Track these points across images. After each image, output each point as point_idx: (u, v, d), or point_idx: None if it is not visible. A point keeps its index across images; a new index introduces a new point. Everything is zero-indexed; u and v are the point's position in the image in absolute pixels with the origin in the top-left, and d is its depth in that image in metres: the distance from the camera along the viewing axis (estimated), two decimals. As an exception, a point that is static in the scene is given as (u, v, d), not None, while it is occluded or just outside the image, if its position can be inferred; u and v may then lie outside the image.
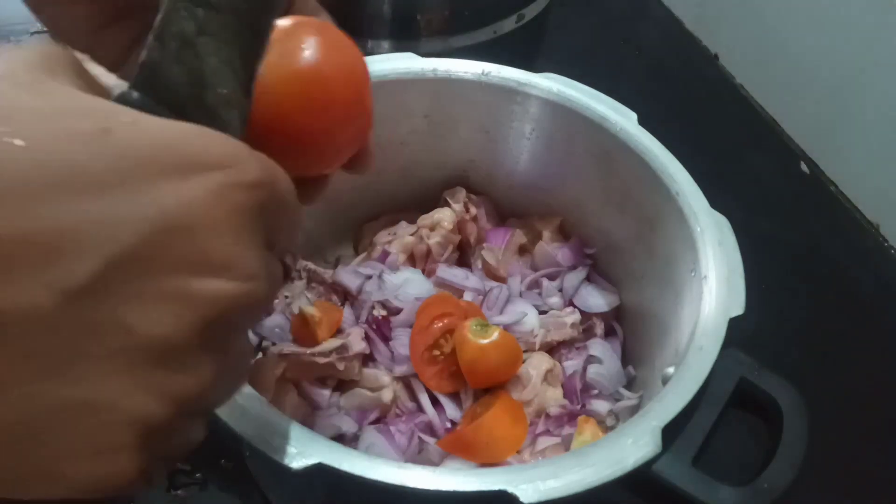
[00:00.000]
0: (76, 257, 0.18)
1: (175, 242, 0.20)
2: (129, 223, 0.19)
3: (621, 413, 0.50)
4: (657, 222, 0.50)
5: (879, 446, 0.56)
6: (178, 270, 0.20)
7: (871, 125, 0.70)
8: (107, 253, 0.18)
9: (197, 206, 0.20)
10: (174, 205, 0.20)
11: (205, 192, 0.20)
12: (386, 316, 0.52)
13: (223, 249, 0.21)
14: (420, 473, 0.33)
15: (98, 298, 0.19)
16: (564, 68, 0.55)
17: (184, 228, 0.20)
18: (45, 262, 0.18)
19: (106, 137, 0.19)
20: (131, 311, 0.19)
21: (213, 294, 0.21)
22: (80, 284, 0.18)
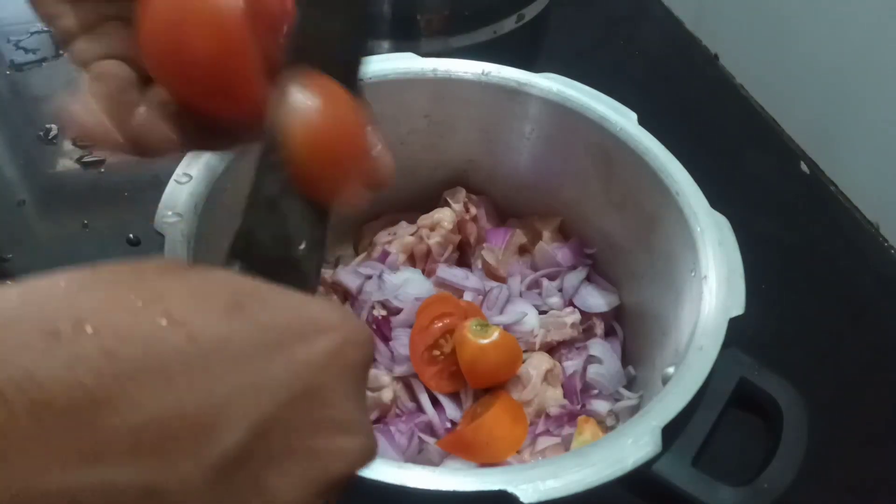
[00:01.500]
0: (226, 429, 0.19)
1: (308, 404, 0.21)
2: (269, 391, 0.20)
3: (621, 413, 0.50)
4: (657, 222, 0.49)
5: (879, 446, 0.56)
6: (310, 432, 0.21)
7: (871, 125, 0.70)
8: (251, 423, 0.19)
9: (322, 367, 0.22)
10: (304, 368, 0.21)
11: (328, 352, 0.22)
12: (386, 316, 0.52)
13: (345, 407, 0.22)
14: (420, 473, 0.33)
15: (242, 467, 0.19)
16: (564, 68, 0.55)
17: (315, 390, 0.21)
18: (198, 438, 0.18)
19: (241, 311, 0.21)
20: (270, 476, 0.20)
21: (341, 453, 0.22)
22: (228, 457, 0.19)
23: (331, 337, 0.22)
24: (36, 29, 0.81)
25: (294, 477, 0.21)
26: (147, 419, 0.18)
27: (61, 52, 0.79)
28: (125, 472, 0.17)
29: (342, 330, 0.23)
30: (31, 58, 0.79)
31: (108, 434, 0.17)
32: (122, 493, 0.17)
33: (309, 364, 0.21)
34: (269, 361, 0.20)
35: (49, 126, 0.71)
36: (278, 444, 0.20)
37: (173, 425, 0.18)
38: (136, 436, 0.18)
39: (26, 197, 0.66)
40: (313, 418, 0.21)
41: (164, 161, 0.33)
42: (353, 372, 0.23)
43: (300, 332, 0.22)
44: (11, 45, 0.79)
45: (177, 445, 0.18)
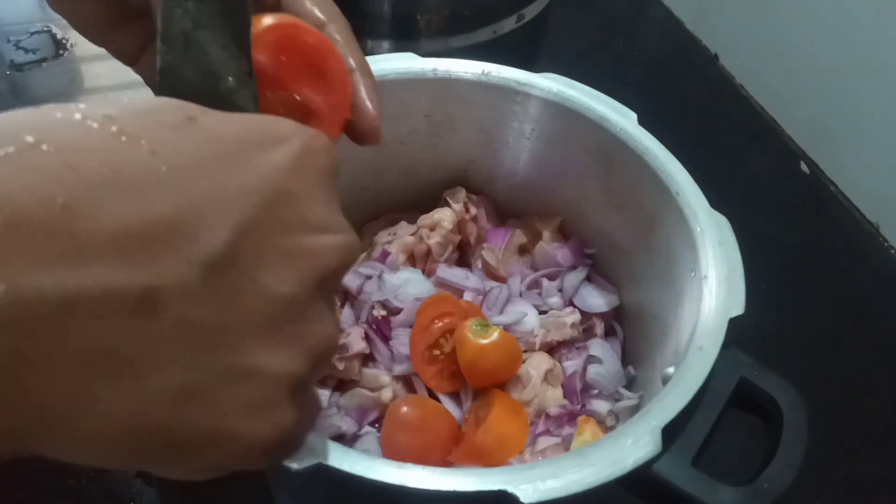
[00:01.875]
0: (208, 231, 0.20)
1: (282, 207, 0.22)
2: (242, 194, 0.21)
3: (621, 413, 0.50)
4: (657, 222, 0.49)
5: (879, 446, 0.56)
6: (291, 232, 0.22)
7: (871, 125, 0.70)
8: (232, 224, 0.20)
9: (287, 172, 0.22)
10: (271, 173, 0.22)
11: (291, 158, 0.23)
12: (386, 316, 0.52)
13: (319, 208, 0.23)
14: (420, 473, 0.33)
15: (234, 266, 0.20)
16: (564, 68, 0.55)
17: (286, 193, 0.22)
18: (184, 240, 0.19)
19: (193, 124, 0.21)
20: (263, 273, 0.21)
21: (325, 248, 0.23)
22: (217, 254, 0.20)
23: (289, 144, 0.23)
24: (36, 29, 0.82)
25: (285, 273, 0.22)
26: (126, 224, 0.18)
27: (61, 52, 0.79)
28: (119, 275, 0.18)
29: (300, 137, 0.23)
30: (31, 58, 0.79)
31: (90, 239, 0.18)
32: (120, 294, 0.18)
33: (274, 169, 0.22)
34: (234, 169, 0.21)
35: (49, 126, 0.71)
36: (263, 245, 0.21)
37: (155, 229, 0.19)
38: (119, 240, 0.18)
39: (26, 197, 0.66)
40: (291, 220, 0.22)
41: None
42: (320, 175, 0.24)
43: (258, 142, 0.22)
44: (11, 45, 0.79)
45: (164, 248, 0.19)
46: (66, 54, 0.79)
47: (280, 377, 0.21)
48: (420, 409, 0.47)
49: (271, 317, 0.21)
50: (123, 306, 0.18)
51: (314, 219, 0.23)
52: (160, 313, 0.19)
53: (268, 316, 0.21)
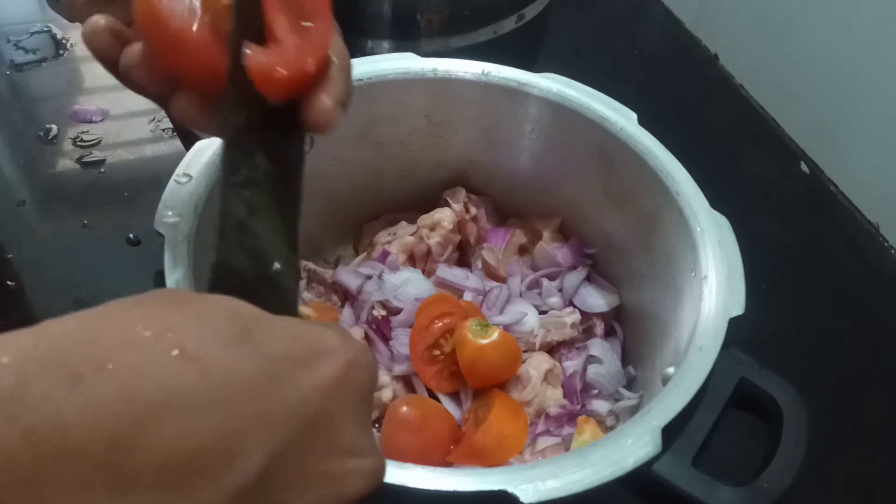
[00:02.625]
0: (243, 458, 0.20)
1: (318, 429, 0.22)
2: (282, 419, 0.21)
3: (621, 413, 0.50)
4: (657, 222, 0.49)
5: (879, 446, 0.56)
6: (323, 456, 0.22)
7: (871, 125, 0.70)
8: (267, 451, 0.20)
9: (329, 392, 0.22)
10: (313, 394, 0.22)
11: (334, 377, 0.23)
12: (386, 316, 0.52)
13: (353, 429, 0.23)
14: (420, 473, 0.33)
15: (261, 492, 0.20)
16: (564, 68, 0.55)
17: (325, 415, 0.22)
18: (218, 468, 0.19)
19: (247, 339, 0.21)
20: (289, 499, 0.21)
21: (351, 474, 0.23)
22: (248, 484, 0.20)
23: (334, 361, 0.23)
24: (36, 29, 0.81)
25: (311, 499, 0.21)
26: (167, 456, 0.18)
27: (61, 52, 0.79)
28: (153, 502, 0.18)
29: (344, 353, 0.23)
30: (31, 58, 0.79)
31: (133, 469, 0.18)
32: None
33: (317, 390, 0.22)
34: (279, 390, 0.21)
35: (49, 126, 0.71)
36: (294, 469, 0.21)
37: (193, 458, 0.19)
38: (157, 472, 0.18)
39: (26, 197, 0.66)
40: (325, 443, 0.22)
41: (163, 161, 0.34)
42: (360, 394, 0.24)
43: (305, 359, 0.22)
44: (11, 45, 0.79)
45: (198, 476, 0.19)
46: (66, 54, 0.79)
47: None
48: (420, 408, 0.47)
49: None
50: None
51: (346, 441, 0.23)
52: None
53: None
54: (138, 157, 0.70)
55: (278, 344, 0.22)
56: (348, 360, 0.23)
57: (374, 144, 0.56)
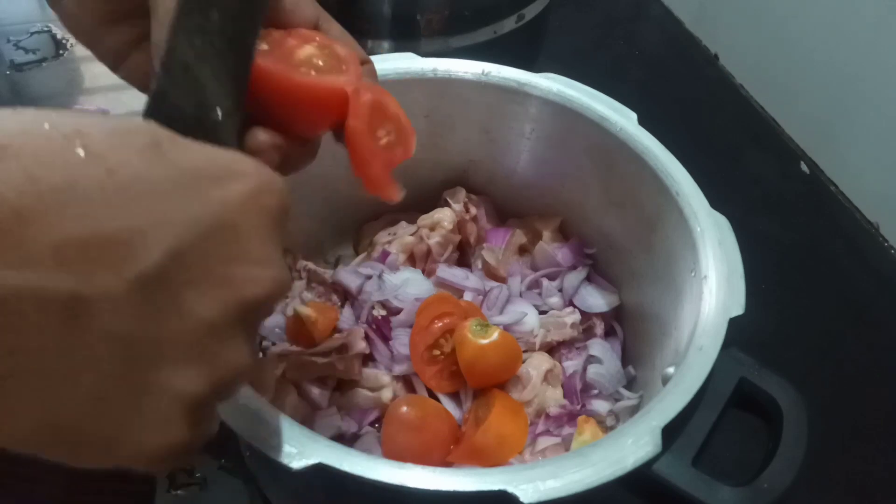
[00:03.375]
0: (143, 251, 0.21)
1: (222, 238, 0.23)
2: (185, 222, 0.22)
3: (621, 413, 0.50)
4: (657, 222, 0.49)
5: (879, 446, 0.56)
6: (225, 262, 0.23)
7: (871, 125, 0.70)
8: (168, 247, 0.21)
9: (235, 207, 0.24)
10: (219, 206, 0.23)
11: (242, 195, 0.24)
12: (386, 316, 0.52)
13: (259, 244, 0.24)
14: (420, 473, 0.33)
15: (162, 286, 0.21)
16: (564, 68, 0.55)
17: (229, 226, 0.23)
18: (117, 256, 0.20)
19: (158, 151, 0.22)
20: (188, 296, 0.22)
21: (252, 280, 0.24)
22: (146, 273, 0.21)
23: (245, 181, 0.24)
24: (36, 29, 0.82)
25: (210, 298, 0.23)
26: (69, 235, 0.20)
27: (61, 52, 0.79)
28: (51, 280, 0.19)
29: (256, 176, 0.25)
30: (31, 58, 0.79)
31: (32, 245, 0.19)
32: (49, 298, 0.19)
33: (223, 203, 0.23)
34: (184, 198, 0.22)
35: (49, 126, 0.71)
36: (195, 271, 0.22)
37: (94, 243, 0.20)
38: (58, 249, 0.19)
39: (26, 197, 0.66)
40: (228, 251, 0.23)
41: None
42: (268, 214, 0.25)
43: (215, 175, 0.24)
44: (11, 45, 0.79)
45: (98, 260, 0.20)
46: (66, 54, 0.79)
47: (181, 397, 0.23)
48: (420, 409, 0.47)
49: (188, 339, 0.23)
50: (50, 311, 0.19)
51: (250, 253, 0.24)
52: (83, 322, 0.20)
53: (185, 337, 0.22)
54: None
55: (190, 160, 0.23)
56: (260, 183, 0.25)
57: (374, 144, 0.56)
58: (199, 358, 0.23)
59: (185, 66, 0.27)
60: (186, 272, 0.22)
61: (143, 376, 0.22)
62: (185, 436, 0.23)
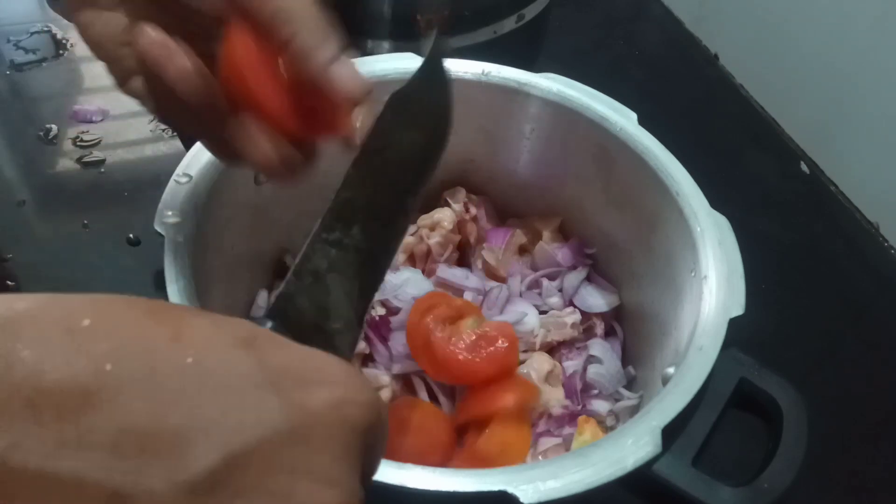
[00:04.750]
0: (202, 451, 0.19)
1: (290, 446, 0.21)
2: (253, 424, 0.20)
3: (621, 413, 0.50)
4: (657, 222, 0.49)
5: (879, 446, 0.56)
6: (286, 473, 0.21)
7: (871, 125, 0.70)
8: (228, 450, 0.20)
9: (315, 415, 0.22)
10: (296, 412, 0.21)
11: (324, 403, 0.22)
12: (385, 315, 0.52)
13: (331, 462, 0.22)
14: (420, 473, 0.33)
15: (212, 493, 0.19)
16: (564, 68, 0.55)
17: (301, 435, 0.21)
18: (174, 454, 0.19)
19: (251, 345, 0.22)
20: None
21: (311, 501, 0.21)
22: (198, 478, 0.19)
23: (332, 389, 0.23)
24: (36, 29, 0.81)
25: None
26: (130, 424, 0.19)
27: (61, 52, 0.79)
28: (99, 469, 0.18)
29: (345, 387, 0.23)
30: (31, 58, 0.79)
31: (91, 428, 0.18)
32: (91, 488, 0.18)
33: (302, 410, 0.21)
34: (262, 398, 0.21)
35: (49, 126, 0.71)
36: (253, 479, 0.20)
37: (153, 436, 0.19)
38: (116, 437, 0.18)
39: (26, 197, 0.66)
40: (294, 463, 0.21)
41: (163, 161, 0.35)
42: (348, 429, 0.23)
43: (302, 378, 0.22)
44: (11, 45, 0.79)
45: (152, 456, 0.19)
46: (66, 54, 0.79)
47: None
48: (417, 411, 0.47)
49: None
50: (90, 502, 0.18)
51: (320, 469, 0.22)
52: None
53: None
54: (138, 157, 0.70)
55: (281, 359, 0.22)
56: (346, 394, 0.23)
57: (374, 144, 0.56)
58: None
59: (317, 275, 0.28)
60: (241, 478, 0.20)
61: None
62: None
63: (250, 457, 0.20)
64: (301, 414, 0.21)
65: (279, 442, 0.21)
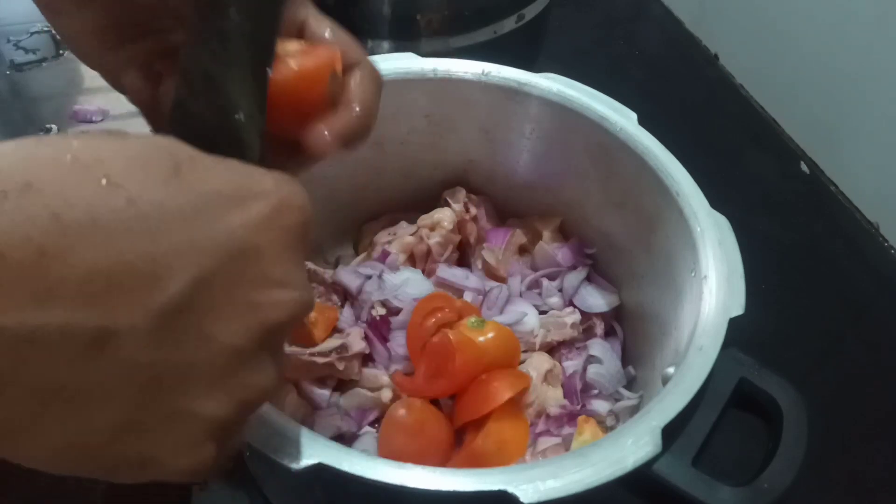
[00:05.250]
0: (167, 281, 0.21)
1: (244, 262, 0.23)
2: (208, 249, 0.22)
3: (621, 413, 0.50)
4: (657, 222, 0.49)
5: (879, 446, 0.56)
6: (248, 286, 0.23)
7: (871, 125, 0.70)
8: (191, 276, 0.21)
9: (257, 229, 0.24)
10: (241, 230, 0.23)
11: (262, 216, 0.24)
12: (385, 316, 0.52)
13: (281, 265, 0.24)
14: (420, 473, 0.33)
15: (186, 315, 0.22)
16: (564, 68, 0.54)
17: (251, 250, 0.23)
18: (143, 288, 0.21)
19: (177, 176, 0.22)
20: (211, 323, 0.22)
21: (275, 303, 0.24)
22: (172, 303, 0.21)
23: (265, 202, 0.24)
24: (36, 29, 0.81)
25: (234, 325, 0.23)
26: (93, 269, 0.20)
27: (61, 52, 0.79)
28: (78, 315, 0.20)
29: (277, 194, 0.25)
30: (31, 58, 0.79)
31: (58, 281, 0.19)
32: (76, 333, 0.20)
33: (245, 227, 0.23)
34: (206, 224, 0.22)
35: (49, 126, 0.71)
36: (218, 297, 0.22)
37: (119, 275, 0.20)
38: (84, 284, 0.20)
39: (26, 197, 0.66)
40: (251, 275, 0.23)
41: None
42: (289, 233, 0.25)
43: (235, 198, 0.23)
44: (11, 45, 0.79)
45: (123, 293, 0.20)
46: (66, 54, 0.79)
47: (209, 421, 0.23)
48: (418, 412, 0.47)
49: (213, 366, 0.23)
50: (77, 345, 0.20)
51: (273, 274, 0.24)
52: (109, 354, 0.20)
53: (210, 365, 0.23)
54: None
55: (210, 183, 0.23)
56: (280, 201, 0.24)
57: (374, 144, 0.56)
58: (225, 384, 0.23)
59: (205, 73, 0.27)
60: (210, 299, 0.22)
61: (171, 404, 0.22)
62: (215, 454, 0.24)
63: (213, 279, 0.22)
64: (245, 230, 0.23)
65: (234, 261, 0.23)
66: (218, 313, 0.22)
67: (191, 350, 0.22)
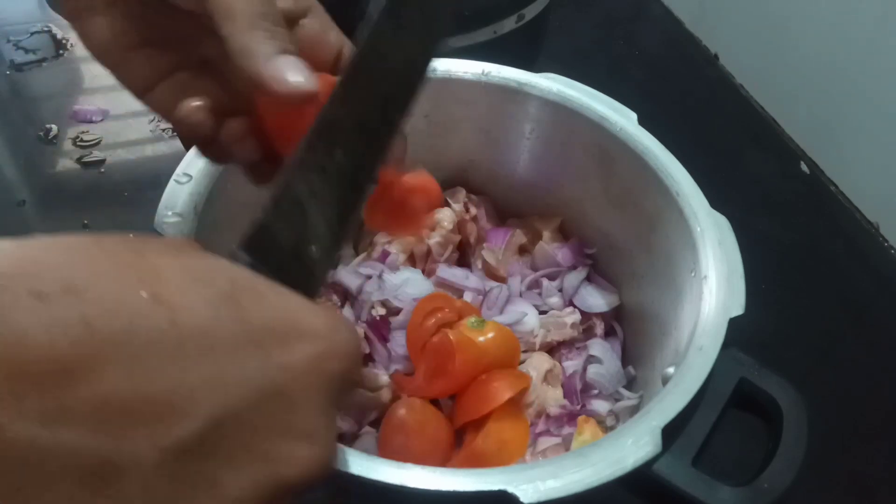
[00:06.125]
0: (186, 416, 0.19)
1: (274, 407, 0.21)
2: (237, 387, 0.20)
3: (621, 413, 0.50)
4: (657, 222, 0.49)
5: (879, 446, 0.56)
6: (268, 432, 0.21)
7: (871, 125, 0.70)
8: (212, 414, 0.20)
9: (295, 374, 0.22)
10: (278, 372, 0.21)
11: (306, 360, 0.22)
12: (385, 316, 0.52)
13: (310, 416, 0.22)
14: (420, 473, 0.33)
15: (197, 457, 0.20)
16: (564, 68, 0.55)
17: (284, 395, 0.22)
18: (158, 421, 0.19)
19: (230, 302, 0.21)
20: (220, 467, 0.20)
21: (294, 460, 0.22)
22: (183, 443, 0.19)
23: (312, 345, 0.23)
24: (36, 29, 0.82)
25: (245, 476, 0.21)
26: (112, 394, 0.18)
27: (61, 52, 0.79)
28: (84, 441, 0.18)
29: (326, 339, 0.23)
30: (31, 58, 0.79)
31: (74, 401, 0.18)
32: (78, 460, 0.18)
33: (283, 368, 0.22)
34: (245, 359, 0.21)
35: (49, 126, 0.71)
36: (236, 442, 0.21)
37: (136, 404, 0.19)
38: (99, 408, 0.18)
39: (26, 197, 0.66)
40: (276, 422, 0.21)
41: (163, 161, 0.35)
42: (329, 381, 0.23)
43: (283, 336, 0.22)
44: (11, 45, 0.79)
45: (137, 424, 0.19)
46: (66, 54, 0.79)
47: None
48: (418, 413, 0.47)
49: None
50: (79, 472, 0.18)
51: (299, 425, 0.22)
52: (109, 487, 0.19)
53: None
54: (138, 157, 0.70)
55: (262, 315, 0.22)
56: (326, 347, 0.23)
57: (374, 144, 0.56)
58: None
59: (297, 203, 0.27)
60: (226, 442, 0.20)
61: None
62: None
63: (233, 420, 0.20)
64: (282, 373, 0.22)
65: (262, 404, 0.21)
66: (230, 457, 0.21)
67: (191, 491, 0.20)
